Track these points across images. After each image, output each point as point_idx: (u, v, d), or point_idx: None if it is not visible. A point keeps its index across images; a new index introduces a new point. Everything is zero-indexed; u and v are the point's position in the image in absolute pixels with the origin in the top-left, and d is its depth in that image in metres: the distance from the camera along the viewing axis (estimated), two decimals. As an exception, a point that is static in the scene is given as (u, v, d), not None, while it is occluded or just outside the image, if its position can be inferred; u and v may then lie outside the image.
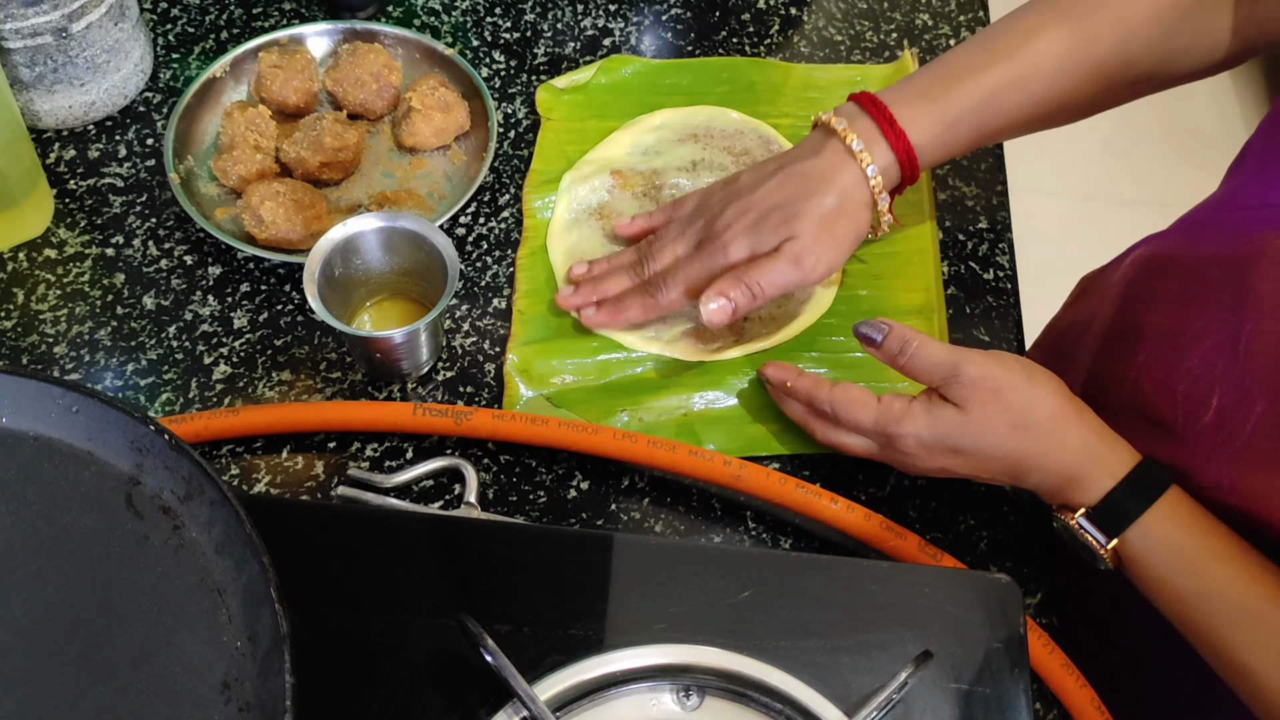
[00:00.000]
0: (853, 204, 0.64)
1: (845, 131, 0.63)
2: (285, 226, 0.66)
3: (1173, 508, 0.54)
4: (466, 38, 0.81)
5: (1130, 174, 1.96)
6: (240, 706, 0.45)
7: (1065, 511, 0.56)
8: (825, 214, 0.63)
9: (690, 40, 0.82)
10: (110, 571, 0.48)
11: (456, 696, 0.48)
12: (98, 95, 0.72)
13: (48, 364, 0.65)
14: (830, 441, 0.61)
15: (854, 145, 0.63)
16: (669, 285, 0.65)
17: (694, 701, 0.49)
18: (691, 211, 0.67)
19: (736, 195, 0.65)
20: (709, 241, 0.64)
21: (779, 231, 0.63)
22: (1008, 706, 0.50)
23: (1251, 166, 0.59)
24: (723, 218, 0.65)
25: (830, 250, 0.63)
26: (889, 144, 0.63)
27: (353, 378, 0.65)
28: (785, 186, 0.64)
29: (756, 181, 0.65)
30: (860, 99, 0.65)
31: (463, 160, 0.74)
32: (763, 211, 0.63)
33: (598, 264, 0.69)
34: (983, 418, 0.56)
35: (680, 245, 0.66)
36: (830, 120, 0.65)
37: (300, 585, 0.47)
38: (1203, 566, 0.53)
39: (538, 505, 0.62)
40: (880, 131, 0.63)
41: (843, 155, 0.64)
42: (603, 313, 0.67)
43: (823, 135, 0.65)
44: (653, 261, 0.66)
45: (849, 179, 0.63)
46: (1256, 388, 0.52)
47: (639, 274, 0.67)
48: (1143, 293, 0.64)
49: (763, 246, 0.63)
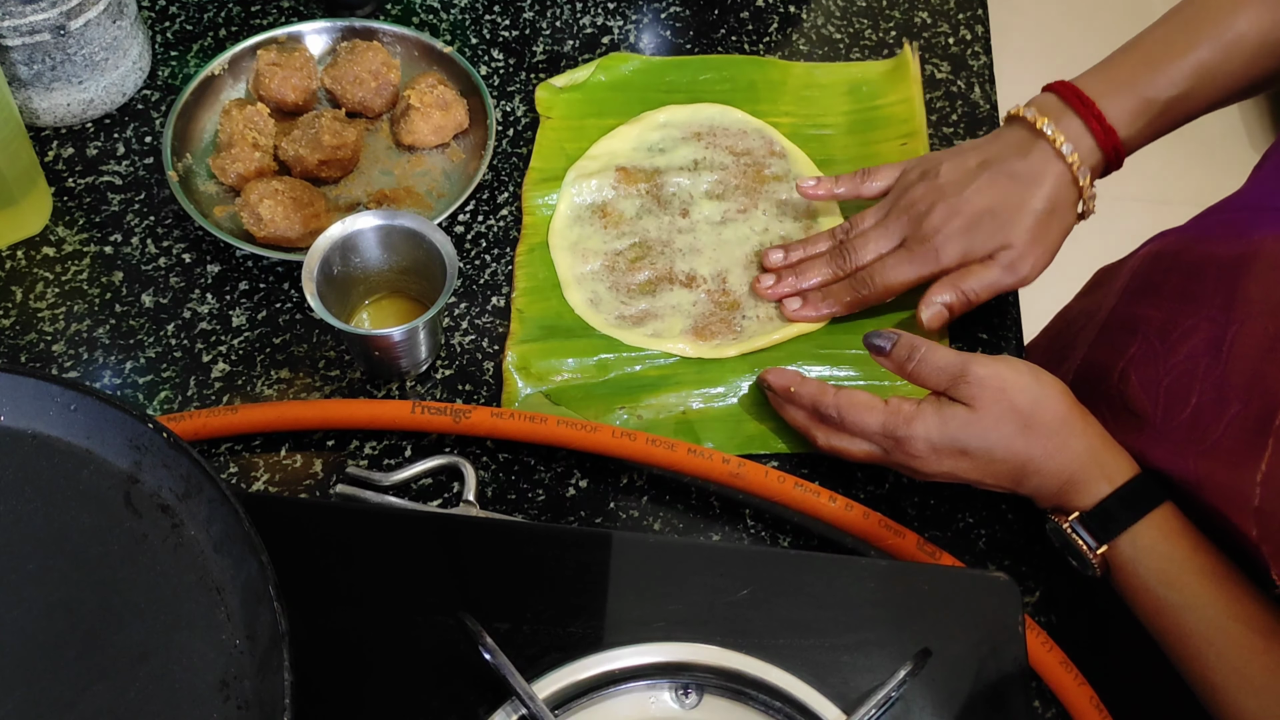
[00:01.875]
0: (1062, 205, 0.63)
1: (1055, 134, 0.62)
2: (284, 224, 0.66)
3: (1165, 520, 0.55)
4: (465, 36, 0.81)
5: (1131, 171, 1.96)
6: (239, 704, 0.45)
7: (1059, 515, 0.57)
8: (1037, 219, 0.62)
9: (689, 38, 0.82)
10: (109, 570, 0.48)
11: (455, 694, 0.48)
12: (96, 93, 0.72)
13: (46, 362, 0.65)
14: (832, 447, 0.61)
15: (1064, 149, 0.62)
16: (876, 281, 0.65)
17: (693, 700, 0.49)
18: (889, 200, 0.67)
19: (941, 194, 0.64)
20: (918, 242, 0.64)
21: (994, 238, 0.62)
22: (1006, 704, 0.50)
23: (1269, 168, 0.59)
24: (930, 219, 0.64)
25: (1043, 254, 0.63)
26: (1097, 142, 0.62)
27: (351, 376, 0.65)
28: (994, 188, 0.63)
29: (962, 180, 0.64)
30: (1063, 91, 0.64)
31: (461, 158, 0.74)
32: (973, 216, 0.63)
33: (793, 249, 0.68)
34: (992, 417, 0.56)
35: (884, 239, 0.65)
36: (1036, 120, 0.63)
37: (299, 583, 0.47)
38: (1186, 580, 0.53)
39: (536, 503, 0.62)
40: (1089, 129, 0.62)
41: (1051, 157, 0.63)
42: (808, 306, 0.67)
43: (1027, 133, 0.64)
44: (855, 254, 0.66)
45: (1059, 180, 0.62)
46: (1233, 390, 0.52)
47: (841, 266, 0.66)
48: (1145, 287, 0.65)
49: (976, 252, 0.63)
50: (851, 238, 0.67)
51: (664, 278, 0.70)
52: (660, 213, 0.72)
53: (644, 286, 0.70)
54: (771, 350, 0.67)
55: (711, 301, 0.69)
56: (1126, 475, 0.56)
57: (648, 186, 0.73)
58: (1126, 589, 0.56)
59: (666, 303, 0.69)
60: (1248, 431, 0.51)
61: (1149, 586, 0.54)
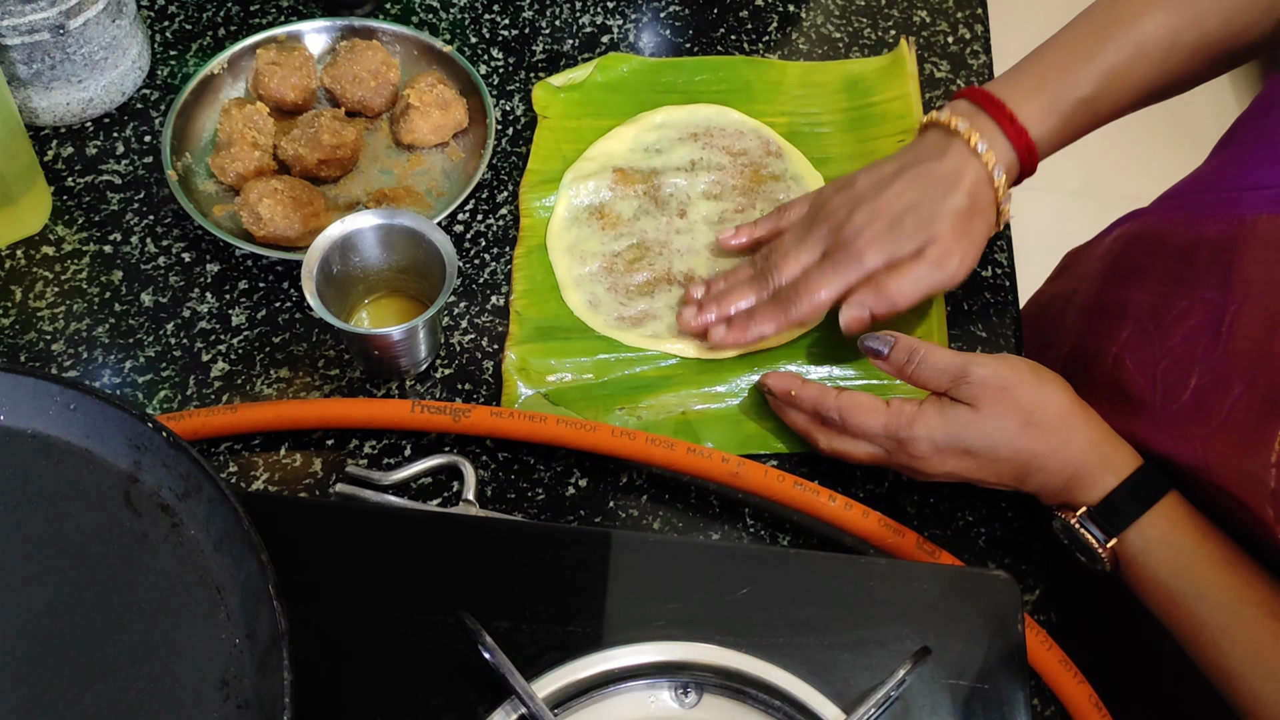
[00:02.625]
0: (982, 203, 0.63)
1: (969, 132, 0.63)
2: (283, 224, 0.66)
3: (1172, 510, 0.55)
4: (465, 35, 0.81)
5: (1130, 170, 1.96)
6: (239, 704, 0.45)
7: (1066, 511, 0.56)
8: (960, 214, 0.62)
9: (689, 37, 0.82)
10: (108, 569, 0.48)
11: (455, 693, 0.48)
12: (95, 92, 0.72)
13: (45, 361, 0.65)
14: (835, 449, 0.60)
15: (979, 147, 0.62)
16: (802, 296, 0.63)
17: (692, 699, 0.49)
18: (807, 218, 0.66)
19: (859, 200, 0.63)
20: (840, 249, 0.63)
21: (918, 235, 0.62)
22: (1006, 703, 0.50)
23: (1241, 146, 0.59)
24: (851, 224, 0.63)
25: (970, 250, 0.63)
26: (1010, 142, 0.63)
27: (351, 375, 0.65)
28: (914, 187, 0.63)
29: (878, 185, 0.64)
30: (976, 96, 0.64)
31: (461, 157, 0.74)
32: (894, 216, 0.62)
33: (715, 282, 0.67)
34: (994, 415, 0.56)
35: (805, 253, 0.64)
36: (951, 121, 0.63)
37: (299, 582, 0.47)
38: (1198, 569, 0.53)
39: (536, 502, 0.62)
40: (1001, 130, 0.63)
41: (967, 156, 0.63)
42: (734, 330, 0.65)
43: (943, 135, 0.64)
44: (778, 274, 0.64)
45: (976, 179, 0.63)
46: (1235, 370, 0.52)
47: (765, 286, 0.65)
48: (1129, 269, 0.65)
49: (900, 251, 0.62)
50: (773, 258, 0.65)
51: (662, 278, 0.70)
52: (658, 213, 0.72)
53: (642, 287, 0.70)
54: (771, 351, 0.67)
55: (711, 301, 0.69)
56: (1131, 467, 0.56)
57: (645, 187, 0.73)
58: (1137, 581, 0.56)
59: (665, 303, 0.69)
60: (1255, 413, 0.51)
61: (1160, 578, 0.54)
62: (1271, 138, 0.56)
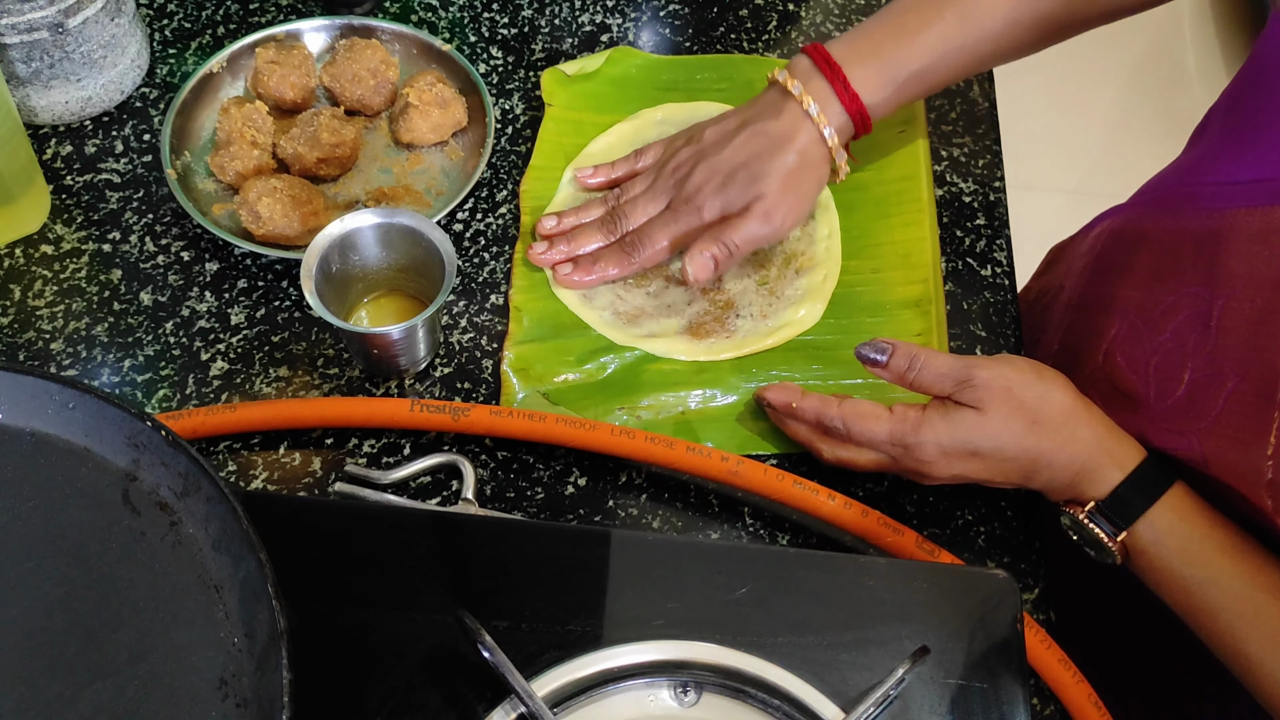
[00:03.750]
0: (812, 159, 0.67)
1: (802, 95, 0.66)
2: (282, 222, 0.66)
3: (1179, 500, 0.55)
4: (464, 33, 0.81)
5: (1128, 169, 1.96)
6: (238, 703, 0.45)
7: (1074, 506, 0.56)
8: (788, 172, 0.66)
9: (688, 36, 0.82)
10: (107, 568, 0.48)
11: (454, 692, 0.48)
12: (94, 91, 0.72)
13: (44, 360, 0.65)
14: (838, 459, 0.60)
15: (811, 110, 0.65)
16: (645, 244, 0.68)
17: (691, 698, 0.49)
18: (658, 166, 0.70)
19: (703, 155, 0.68)
20: (683, 203, 0.67)
21: (747, 191, 0.66)
22: (1005, 702, 0.50)
23: (1215, 138, 0.59)
24: (692, 179, 0.67)
25: (796, 204, 0.67)
26: (843, 106, 0.66)
27: (350, 374, 0.65)
28: (749, 145, 0.66)
29: (721, 140, 0.68)
30: (814, 56, 0.67)
31: (460, 156, 0.73)
32: (729, 172, 0.66)
33: (566, 218, 0.70)
34: (1000, 416, 0.56)
35: (651, 203, 0.68)
36: (787, 81, 0.67)
37: (297, 581, 0.47)
38: (1208, 557, 0.53)
39: (535, 501, 0.62)
40: (835, 94, 0.66)
41: (800, 117, 0.66)
42: (579, 270, 0.68)
43: (780, 95, 0.67)
44: (625, 220, 0.69)
45: (808, 138, 0.66)
46: (1228, 364, 0.53)
47: (612, 231, 0.69)
48: (1114, 265, 0.65)
49: (733, 206, 0.66)
50: (622, 203, 0.69)
51: (659, 276, 0.70)
52: (658, 211, 0.72)
53: (639, 285, 0.69)
54: (771, 353, 0.67)
55: (706, 300, 0.69)
56: (1136, 460, 0.56)
57: (645, 185, 0.73)
58: (1149, 572, 0.56)
59: (662, 301, 0.69)
60: (1249, 406, 0.51)
61: (1172, 568, 0.54)
62: (1244, 130, 0.56)
